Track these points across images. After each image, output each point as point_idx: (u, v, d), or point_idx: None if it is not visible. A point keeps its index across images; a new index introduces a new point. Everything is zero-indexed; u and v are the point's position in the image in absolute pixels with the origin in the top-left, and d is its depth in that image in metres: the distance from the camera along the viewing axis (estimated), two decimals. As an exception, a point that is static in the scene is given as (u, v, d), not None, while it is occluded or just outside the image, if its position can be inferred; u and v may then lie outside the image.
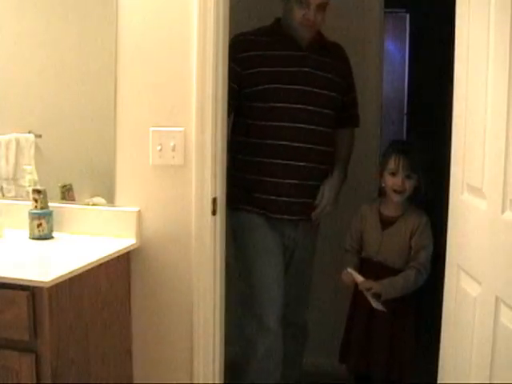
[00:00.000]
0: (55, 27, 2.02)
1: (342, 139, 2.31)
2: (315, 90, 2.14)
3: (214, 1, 1.79)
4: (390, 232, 2.24)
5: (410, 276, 2.16)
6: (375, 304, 2.16)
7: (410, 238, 2.20)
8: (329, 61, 2.20)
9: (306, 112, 2.13)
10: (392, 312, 2.19)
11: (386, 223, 2.26)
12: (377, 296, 2.16)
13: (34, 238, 1.88)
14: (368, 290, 2.16)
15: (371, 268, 2.25)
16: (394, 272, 2.19)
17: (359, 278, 2.19)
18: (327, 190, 2.19)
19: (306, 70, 2.14)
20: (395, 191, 2.21)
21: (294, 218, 2.19)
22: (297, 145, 2.12)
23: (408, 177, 2.19)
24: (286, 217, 2.18)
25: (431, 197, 2.24)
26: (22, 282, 1.49)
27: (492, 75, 1.37)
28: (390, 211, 2.27)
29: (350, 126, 2.36)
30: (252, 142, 2.16)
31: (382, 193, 2.35)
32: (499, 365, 1.29)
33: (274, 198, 2.16)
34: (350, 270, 2.21)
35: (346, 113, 2.30)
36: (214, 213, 1.87)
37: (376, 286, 2.15)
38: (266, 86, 2.11)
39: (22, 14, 2.05)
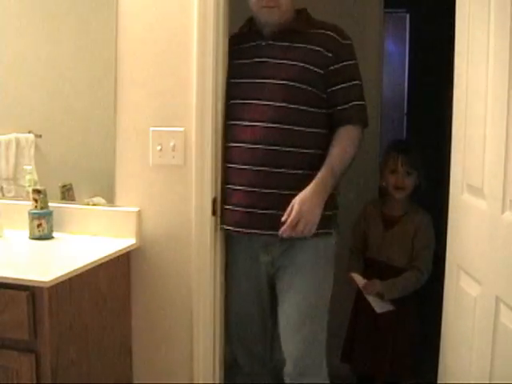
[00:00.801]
0: (55, 28, 2.02)
1: (332, 140, 1.84)
2: (277, 81, 1.79)
3: (214, 2, 1.80)
4: (393, 231, 2.25)
5: (412, 276, 2.18)
6: (380, 307, 2.17)
7: (413, 237, 2.21)
8: (304, 47, 1.81)
9: (264, 108, 1.79)
10: (393, 312, 2.20)
11: (388, 223, 2.27)
12: (380, 296, 2.17)
13: (34, 238, 1.88)
14: (372, 291, 2.18)
15: (375, 267, 2.26)
16: (398, 271, 2.20)
17: (361, 282, 2.20)
18: (297, 203, 1.73)
19: (263, 60, 1.83)
20: (396, 188, 2.23)
21: (263, 232, 1.80)
22: (253, 146, 1.78)
23: (408, 174, 2.22)
24: (253, 231, 1.81)
25: (432, 196, 2.25)
26: (21, 282, 1.48)
27: (492, 75, 1.37)
28: (392, 211, 2.28)
29: (345, 123, 1.84)
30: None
31: (382, 193, 2.36)
32: (499, 365, 1.29)
33: (234, 208, 1.84)
34: (353, 274, 2.22)
35: (334, 108, 1.84)
36: (213, 213, 1.87)
37: (379, 286, 2.17)
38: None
39: (22, 15, 2.05)
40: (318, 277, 1.85)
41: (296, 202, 1.73)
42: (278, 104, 1.79)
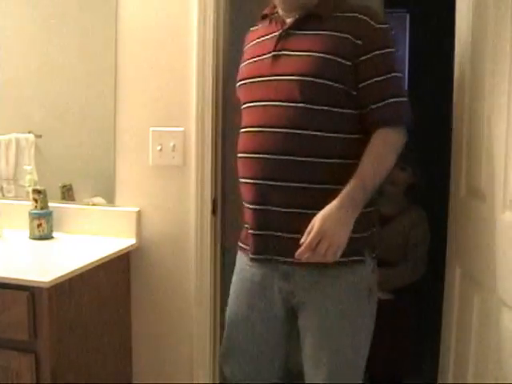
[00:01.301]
0: (55, 28, 2.02)
1: (366, 148, 1.45)
2: (294, 78, 1.46)
3: (214, 2, 1.80)
4: (388, 229, 2.27)
5: (406, 270, 2.22)
6: (380, 295, 2.19)
7: (408, 233, 2.24)
8: (329, 34, 1.48)
9: (275, 110, 1.48)
10: (393, 312, 2.20)
11: (384, 221, 2.28)
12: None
13: (33, 238, 1.88)
14: None
15: None
16: (394, 266, 2.21)
17: None
18: (318, 221, 1.36)
19: (282, 53, 1.51)
20: (390, 183, 2.25)
21: (284, 259, 1.49)
22: (261, 156, 1.48)
23: (401, 169, 2.24)
24: (262, 257, 1.53)
25: (432, 196, 2.26)
26: (22, 282, 1.48)
27: (492, 75, 1.37)
28: (388, 209, 2.30)
29: (381, 125, 1.45)
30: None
31: (379, 192, 2.38)
32: (499, 365, 1.29)
33: (249, 231, 1.57)
34: None
35: (367, 108, 1.46)
36: (213, 213, 1.87)
37: None
38: (237, 85, 1.63)
39: (21, 14, 2.05)
40: (349, 324, 1.48)
41: (317, 219, 1.37)
42: (292, 105, 1.46)
